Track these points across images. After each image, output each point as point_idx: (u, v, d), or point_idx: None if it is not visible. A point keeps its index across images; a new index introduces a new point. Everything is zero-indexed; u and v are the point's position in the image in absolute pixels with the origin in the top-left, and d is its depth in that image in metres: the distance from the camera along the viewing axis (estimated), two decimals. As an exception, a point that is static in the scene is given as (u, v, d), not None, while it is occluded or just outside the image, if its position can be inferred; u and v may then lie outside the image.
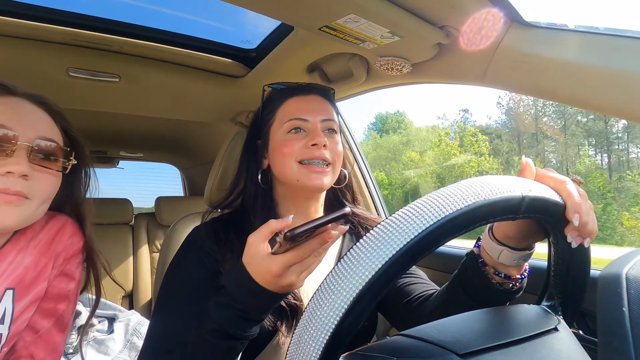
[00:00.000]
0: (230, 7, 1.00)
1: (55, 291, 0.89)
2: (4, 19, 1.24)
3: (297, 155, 0.90)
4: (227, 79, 1.77)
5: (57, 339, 0.89)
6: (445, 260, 1.53)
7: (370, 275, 0.41)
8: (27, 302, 0.84)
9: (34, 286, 0.85)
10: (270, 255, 0.62)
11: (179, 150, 3.19)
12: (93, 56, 1.48)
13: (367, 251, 0.42)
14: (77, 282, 0.93)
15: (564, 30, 0.94)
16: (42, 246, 0.87)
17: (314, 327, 0.42)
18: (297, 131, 0.93)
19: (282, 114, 0.96)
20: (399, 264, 0.41)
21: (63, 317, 0.90)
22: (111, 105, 1.92)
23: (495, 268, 0.73)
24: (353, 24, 1.02)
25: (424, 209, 0.44)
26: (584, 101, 0.95)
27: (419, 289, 0.94)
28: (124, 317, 1.76)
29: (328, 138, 0.93)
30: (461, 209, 0.44)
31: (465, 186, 0.47)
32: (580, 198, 0.57)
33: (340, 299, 0.41)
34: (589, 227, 0.57)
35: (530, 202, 0.50)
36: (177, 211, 2.73)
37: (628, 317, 0.44)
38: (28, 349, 0.84)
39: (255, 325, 0.67)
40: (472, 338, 0.48)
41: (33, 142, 0.77)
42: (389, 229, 0.43)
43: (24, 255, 0.84)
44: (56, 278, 0.89)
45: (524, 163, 0.62)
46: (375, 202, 2.00)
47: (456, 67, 1.19)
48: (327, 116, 0.96)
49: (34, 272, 0.85)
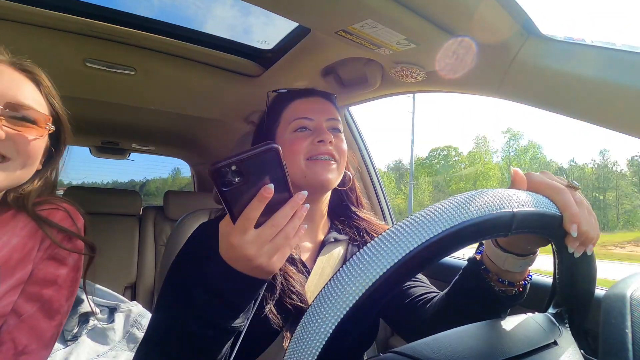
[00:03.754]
0: (248, 7, 1.01)
1: (40, 275, 0.88)
2: (24, 6, 1.27)
3: (305, 153, 0.91)
4: (242, 78, 1.78)
5: (43, 326, 0.87)
6: (444, 268, 1.52)
7: (358, 296, 0.40)
8: (12, 284, 0.83)
9: (19, 268, 0.84)
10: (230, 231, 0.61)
11: (190, 145, 3.22)
12: (110, 48, 1.50)
13: (351, 275, 0.41)
14: (70, 267, 0.92)
15: (581, 45, 0.93)
16: (31, 228, 0.88)
17: (313, 329, 0.42)
18: (303, 130, 0.94)
19: (287, 115, 0.97)
20: (383, 286, 0.40)
21: (51, 303, 0.88)
22: (126, 97, 1.95)
23: (499, 275, 0.73)
24: (370, 29, 1.02)
25: (407, 230, 0.42)
26: (599, 118, 0.94)
27: (419, 292, 0.94)
28: (125, 308, 1.77)
29: (333, 136, 0.94)
30: (445, 230, 0.42)
31: (453, 204, 0.45)
32: (577, 207, 0.54)
33: (339, 303, 0.41)
34: (590, 234, 0.55)
35: (522, 218, 0.48)
36: (186, 206, 2.75)
37: (631, 339, 0.43)
38: (11, 333, 0.83)
39: (235, 314, 0.66)
40: (467, 356, 0.47)
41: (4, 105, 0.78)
42: (372, 252, 0.42)
43: (11, 236, 0.85)
44: (42, 261, 0.89)
45: (512, 173, 0.59)
46: (383, 209, 1.99)
47: (471, 77, 1.18)
48: (332, 115, 0.98)
49: (20, 254, 0.85)
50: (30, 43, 1.41)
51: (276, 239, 0.61)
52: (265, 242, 0.60)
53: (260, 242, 0.60)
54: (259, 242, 0.60)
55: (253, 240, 0.60)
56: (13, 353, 0.82)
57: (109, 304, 1.79)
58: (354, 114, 1.95)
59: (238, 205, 0.59)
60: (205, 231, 0.93)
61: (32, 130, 0.82)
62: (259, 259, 0.61)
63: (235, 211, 0.60)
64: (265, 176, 0.58)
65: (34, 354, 0.85)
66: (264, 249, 0.61)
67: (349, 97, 1.65)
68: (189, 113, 2.21)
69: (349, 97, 1.65)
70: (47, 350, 0.89)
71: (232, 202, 0.59)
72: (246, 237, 0.60)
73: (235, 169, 0.56)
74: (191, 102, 2.03)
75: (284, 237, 0.62)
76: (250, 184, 0.58)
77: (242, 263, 0.61)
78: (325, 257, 0.97)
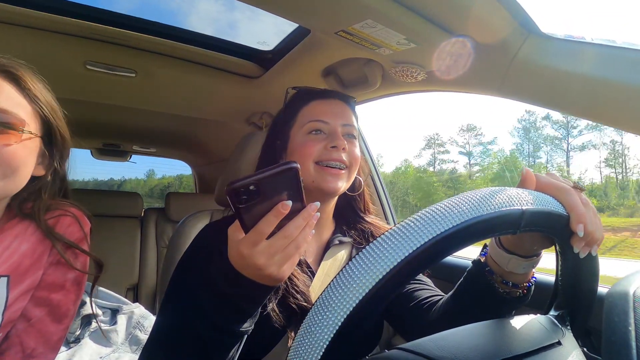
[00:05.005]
0: (248, 9, 1.01)
1: (49, 280, 0.87)
2: (25, 10, 1.27)
3: (316, 157, 0.90)
4: (242, 79, 1.78)
5: (51, 329, 0.86)
6: (449, 269, 1.52)
7: (368, 289, 0.40)
8: (22, 290, 0.82)
9: (29, 274, 0.83)
10: (240, 240, 0.60)
11: (191, 147, 3.22)
12: (110, 50, 1.50)
13: (362, 268, 0.41)
14: (77, 272, 0.91)
15: (581, 43, 0.93)
16: (40, 233, 0.86)
17: (318, 328, 0.42)
18: (317, 133, 0.93)
19: (303, 116, 0.96)
20: (394, 280, 0.40)
21: (59, 307, 0.87)
22: (126, 100, 1.95)
23: (503, 277, 0.73)
24: (370, 29, 1.02)
25: (419, 224, 0.42)
26: (600, 115, 0.94)
27: (425, 295, 0.93)
28: (127, 310, 1.77)
29: (347, 142, 0.92)
30: (457, 226, 0.42)
31: (463, 201, 0.45)
32: (583, 207, 0.55)
33: (343, 303, 0.41)
34: (595, 235, 0.56)
35: (531, 216, 0.48)
36: (187, 207, 2.76)
37: (634, 337, 0.43)
38: (19, 337, 0.82)
39: (244, 318, 0.66)
40: (472, 354, 0.47)
41: None
42: (383, 246, 0.42)
43: (21, 241, 0.83)
44: (51, 266, 0.88)
45: (524, 173, 0.60)
46: (386, 212, 1.99)
47: (472, 76, 1.18)
48: (348, 121, 0.96)
49: (30, 260, 0.84)
50: (31, 46, 1.41)
51: (287, 249, 0.61)
52: (276, 252, 0.60)
53: (271, 253, 0.59)
54: (269, 252, 0.59)
55: (264, 251, 0.59)
56: (21, 356, 0.82)
57: (111, 305, 1.79)
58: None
59: (252, 217, 0.58)
60: (210, 233, 0.93)
61: (7, 136, 0.76)
62: (269, 268, 0.60)
63: (248, 222, 0.59)
64: (282, 192, 0.58)
65: (41, 357, 0.85)
66: (274, 258, 0.60)
67: (351, 98, 1.65)
68: (190, 115, 2.22)
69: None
70: (54, 353, 0.88)
71: (246, 214, 0.58)
72: (257, 248, 0.59)
73: (253, 188, 0.56)
74: (192, 103, 2.03)
75: (294, 247, 0.61)
76: (266, 199, 0.57)
77: (252, 271, 0.61)
78: (329, 259, 0.97)
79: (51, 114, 0.87)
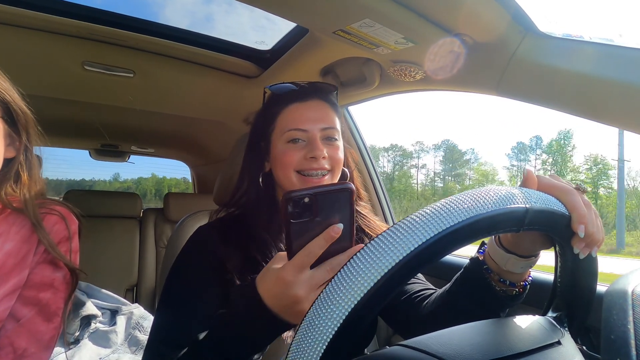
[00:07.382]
0: (246, 8, 1.01)
1: (37, 279, 0.86)
2: (22, 10, 1.27)
3: (296, 166, 0.90)
4: (241, 79, 1.78)
5: (42, 329, 0.85)
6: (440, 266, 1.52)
7: (366, 290, 0.40)
8: (7, 290, 0.81)
9: (14, 274, 0.82)
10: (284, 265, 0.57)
11: (190, 147, 3.22)
12: (109, 51, 1.50)
13: (366, 262, 0.41)
14: (66, 270, 0.89)
15: (579, 42, 0.93)
16: (25, 232, 0.85)
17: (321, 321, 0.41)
18: (296, 142, 0.91)
19: (281, 122, 0.94)
20: (399, 274, 0.40)
21: (49, 306, 0.86)
22: (125, 100, 1.94)
23: (501, 275, 0.73)
24: (368, 28, 1.02)
25: (425, 219, 0.42)
26: (598, 114, 0.94)
27: (416, 288, 0.94)
28: (126, 310, 1.77)
29: (328, 146, 0.91)
30: (462, 222, 0.42)
31: (468, 198, 0.45)
32: (585, 208, 0.55)
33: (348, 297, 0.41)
34: (596, 236, 0.56)
35: (534, 214, 0.49)
36: (186, 207, 2.75)
37: (633, 335, 0.43)
38: (9, 338, 0.81)
39: (256, 351, 0.65)
40: (473, 351, 0.47)
41: None
42: (388, 240, 0.42)
43: (5, 240, 0.82)
44: (38, 265, 0.86)
45: (525, 173, 0.60)
46: (383, 207, 1.99)
47: (470, 75, 1.18)
48: (327, 124, 0.93)
49: (15, 259, 0.82)
50: (28, 47, 1.40)
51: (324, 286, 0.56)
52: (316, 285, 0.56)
53: (312, 285, 0.56)
54: (310, 285, 0.56)
55: (306, 281, 0.56)
56: (12, 357, 0.81)
57: (111, 306, 1.79)
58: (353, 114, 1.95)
59: (300, 239, 0.56)
60: (203, 233, 0.92)
61: None
62: (305, 303, 0.56)
63: (295, 246, 0.56)
64: (334, 215, 0.56)
65: (34, 356, 0.84)
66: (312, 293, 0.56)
67: (348, 96, 1.65)
68: (188, 115, 2.21)
69: (348, 96, 1.65)
70: (48, 352, 0.87)
71: (295, 235, 0.55)
72: (302, 275, 0.55)
73: (307, 201, 0.54)
74: (190, 103, 2.03)
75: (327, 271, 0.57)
76: (318, 220, 0.55)
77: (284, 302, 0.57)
78: None
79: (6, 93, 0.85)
